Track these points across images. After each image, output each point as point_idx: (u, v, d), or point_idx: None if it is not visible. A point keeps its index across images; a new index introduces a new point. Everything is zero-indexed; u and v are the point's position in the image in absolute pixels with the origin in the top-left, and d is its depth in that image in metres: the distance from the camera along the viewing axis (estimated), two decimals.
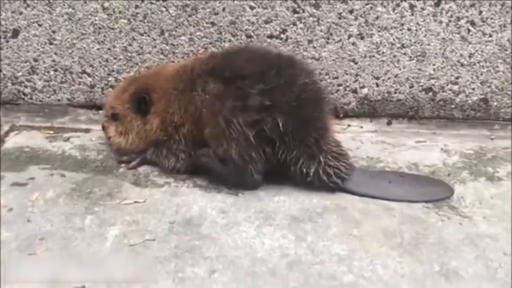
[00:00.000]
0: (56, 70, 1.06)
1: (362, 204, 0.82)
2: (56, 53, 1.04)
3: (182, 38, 1.01)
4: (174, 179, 0.89)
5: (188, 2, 0.98)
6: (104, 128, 0.94)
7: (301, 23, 0.99)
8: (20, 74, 1.06)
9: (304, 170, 0.80)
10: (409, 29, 0.99)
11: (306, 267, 0.68)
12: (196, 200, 0.83)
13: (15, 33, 1.03)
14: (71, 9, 1.00)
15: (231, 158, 0.80)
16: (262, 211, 0.79)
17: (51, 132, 1.03)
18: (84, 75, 1.06)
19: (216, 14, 0.99)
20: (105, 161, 0.93)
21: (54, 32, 1.02)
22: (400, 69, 1.02)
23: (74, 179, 0.88)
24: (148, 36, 1.02)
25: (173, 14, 1.00)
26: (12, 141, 0.99)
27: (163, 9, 0.99)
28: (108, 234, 0.74)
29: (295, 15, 0.99)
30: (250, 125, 0.77)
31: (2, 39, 1.03)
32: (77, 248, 0.71)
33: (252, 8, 0.99)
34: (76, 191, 0.84)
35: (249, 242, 0.73)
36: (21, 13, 1.01)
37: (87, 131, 1.04)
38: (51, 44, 1.04)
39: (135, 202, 0.82)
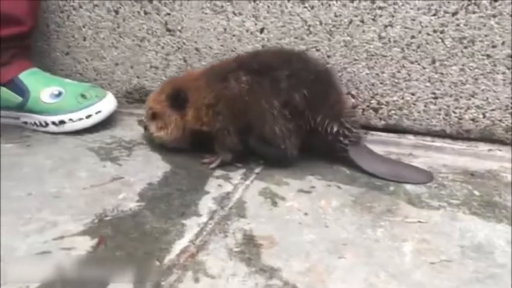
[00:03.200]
0: None
1: None
2: None
3: (453, 67, 1.06)
4: (447, 203, 0.93)
5: (466, 34, 1.03)
6: (145, 128, 1.11)
7: None
8: None
9: (329, 130, 0.96)
10: None
11: None
12: (478, 227, 0.86)
13: None
14: (349, 37, 1.11)
15: (274, 133, 0.96)
16: None
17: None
18: (349, 96, 1.16)
19: (494, 47, 1.02)
20: (375, 179, 1.00)
21: (329, 56, 1.14)
22: None
23: (350, 192, 0.96)
24: (419, 64, 1.08)
25: (448, 45, 1.05)
26: None
27: (439, 40, 1.05)
28: (403, 248, 0.80)
29: None
30: (285, 104, 0.95)
31: None
32: (380, 257, 0.78)
33: None
34: (357, 204, 0.92)
35: None
36: (302, 39, 1.14)
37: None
38: None
39: (419, 222, 0.88)
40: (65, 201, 0.92)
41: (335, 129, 0.98)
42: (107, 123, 1.21)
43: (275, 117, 0.96)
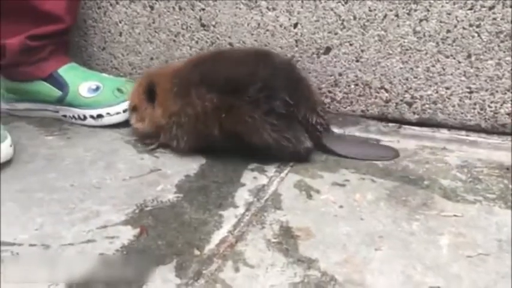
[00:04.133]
0: (356, 84, 1.18)
1: None
2: (360, 70, 1.16)
3: (489, 62, 1.05)
4: (483, 198, 0.93)
5: (503, 29, 1.02)
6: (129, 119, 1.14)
7: None
8: (323, 85, 1.21)
9: (310, 121, 0.99)
10: None
11: None
12: None
13: (327, 50, 1.17)
14: (383, 32, 1.11)
15: (267, 142, 0.98)
16: None
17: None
18: (382, 90, 1.16)
19: None
20: (409, 173, 1.01)
21: (362, 51, 1.14)
22: None
23: (385, 186, 0.97)
24: (454, 58, 1.08)
25: (484, 40, 1.04)
26: None
27: (475, 34, 1.05)
28: (440, 242, 0.80)
29: None
30: (267, 113, 0.96)
31: (314, 55, 1.19)
32: (416, 250, 0.79)
33: None
34: (392, 197, 0.93)
35: None
36: (336, 33, 1.15)
37: (377, 141, 1.13)
38: (357, 61, 1.16)
39: (454, 215, 0.88)
40: (106, 192, 0.95)
41: (314, 119, 1.01)
42: None
43: (261, 127, 0.97)
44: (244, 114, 0.97)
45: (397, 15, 1.09)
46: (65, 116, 1.24)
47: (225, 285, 0.72)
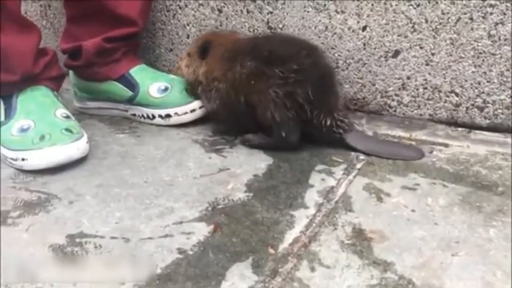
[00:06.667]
0: (425, 88, 1.17)
1: None
2: (429, 73, 1.15)
3: None
4: None
5: None
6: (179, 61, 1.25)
7: None
8: (390, 89, 1.20)
9: (323, 123, 1.05)
10: None
11: None
12: None
13: (396, 53, 1.17)
14: (455, 35, 1.10)
15: (274, 119, 1.05)
16: None
17: (413, 143, 1.14)
18: (452, 94, 1.15)
19: None
20: (482, 179, 0.99)
21: (433, 54, 1.13)
22: None
23: (457, 191, 0.95)
24: None
25: None
26: None
27: None
28: None
29: None
30: (287, 95, 1.03)
31: (382, 58, 1.18)
32: (495, 256, 0.77)
33: None
34: (465, 203, 0.91)
35: None
36: (406, 36, 1.14)
37: (446, 145, 1.12)
38: (427, 64, 1.14)
39: None
40: (179, 189, 0.98)
41: (328, 122, 1.06)
42: (209, 117, 1.27)
43: (277, 105, 1.04)
44: (269, 86, 1.04)
45: (471, 19, 1.07)
46: (134, 114, 1.28)
47: (302, 284, 0.73)
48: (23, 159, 1.03)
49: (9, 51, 1.08)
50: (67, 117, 1.11)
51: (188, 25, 1.36)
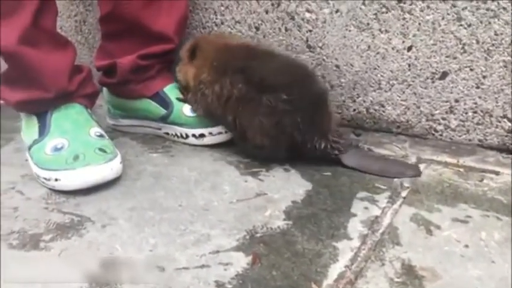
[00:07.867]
0: (475, 112, 1.10)
1: None
2: (479, 97, 1.09)
3: None
4: None
5: None
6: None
7: None
8: (437, 112, 1.14)
9: (317, 146, 1.04)
10: None
11: None
12: None
13: (444, 75, 1.11)
14: (509, 57, 1.03)
15: (263, 145, 1.06)
16: None
17: (461, 170, 1.08)
18: (504, 119, 1.08)
19: None
20: None
21: (484, 77, 1.07)
22: None
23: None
24: None
25: None
26: (426, 174, 1.07)
27: None
28: None
29: None
30: (276, 123, 1.03)
31: (429, 80, 1.13)
32: None
33: None
34: None
35: None
36: (455, 57, 1.09)
37: (496, 173, 1.05)
38: (477, 87, 1.08)
39: None
40: (215, 215, 0.94)
41: (323, 145, 1.05)
42: None
43: (265, 132, 1.04)
44: (257, 114, 1.04)
45: None
46: (167, 133, 1.25)
47: None
48: (56, 180, 1.00)
49: (44, 69, 1.06)
50: (101, 136, 1.09)
51: None
